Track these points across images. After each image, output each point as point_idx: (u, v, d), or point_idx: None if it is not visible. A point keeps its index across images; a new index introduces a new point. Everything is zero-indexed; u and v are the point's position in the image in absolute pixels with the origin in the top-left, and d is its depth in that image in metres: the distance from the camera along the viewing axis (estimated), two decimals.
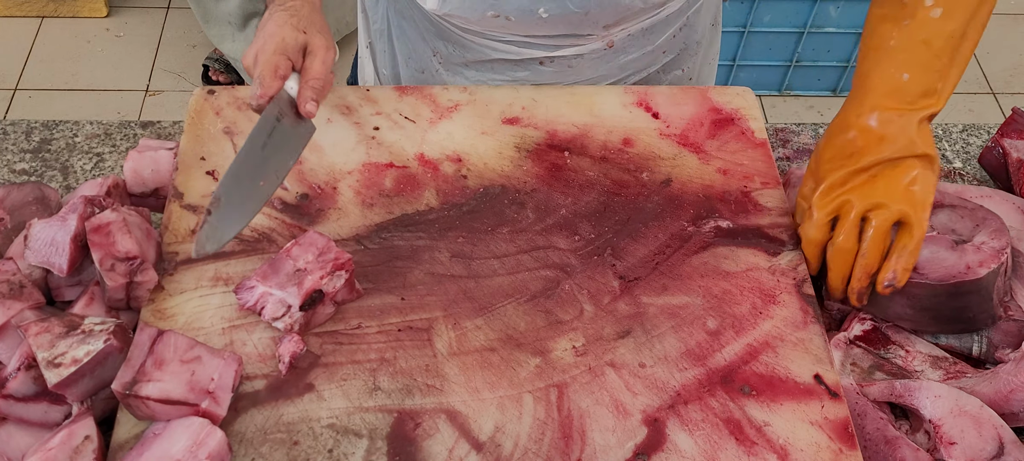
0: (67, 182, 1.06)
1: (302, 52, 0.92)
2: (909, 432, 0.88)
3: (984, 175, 1.12)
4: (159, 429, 0.77)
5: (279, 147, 0.89)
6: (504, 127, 1.05)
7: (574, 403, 0.83)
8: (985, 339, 0.93)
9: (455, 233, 0.95)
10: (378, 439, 0.80)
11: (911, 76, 0.90)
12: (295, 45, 0.91)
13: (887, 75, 0.91)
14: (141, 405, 0.76)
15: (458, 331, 0.87)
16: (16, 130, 1.12)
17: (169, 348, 0.79)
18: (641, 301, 0.91)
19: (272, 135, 0.88)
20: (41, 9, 2.70)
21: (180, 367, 0.78)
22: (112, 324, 0.80)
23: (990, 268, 0.89)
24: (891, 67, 0.91)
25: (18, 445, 0.80)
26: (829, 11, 2.29)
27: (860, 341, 0.94)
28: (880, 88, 0.91)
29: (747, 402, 0.84)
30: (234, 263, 0.91)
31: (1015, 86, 2.63)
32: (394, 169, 1.00)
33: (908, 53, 0.91)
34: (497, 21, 1.05)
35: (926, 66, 0.90)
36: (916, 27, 0.90)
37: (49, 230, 0.87)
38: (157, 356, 0.78)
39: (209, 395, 0.77)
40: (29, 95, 2.50)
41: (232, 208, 0.84)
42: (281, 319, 0.84)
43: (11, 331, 0.82)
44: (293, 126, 0.90)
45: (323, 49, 0.92)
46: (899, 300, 0.91)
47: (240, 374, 0.81)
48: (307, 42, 0.92)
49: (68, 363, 0.76)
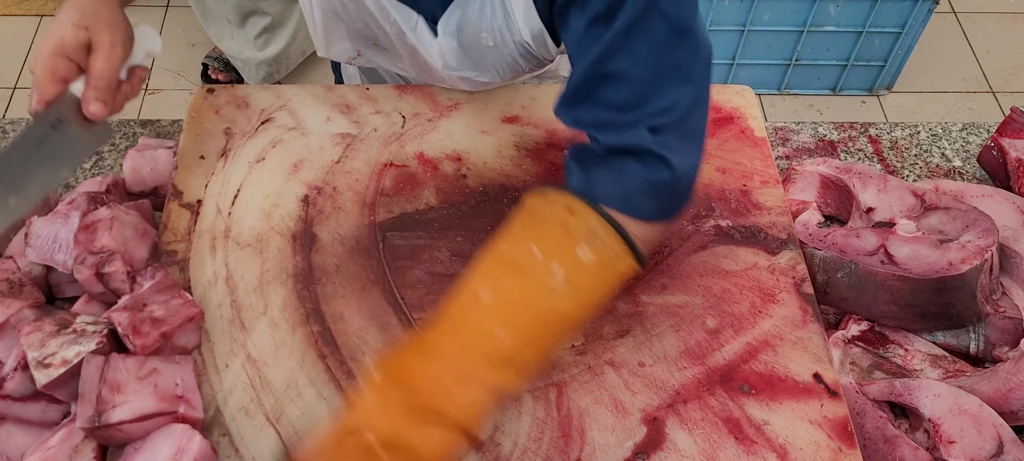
0: (67, 181, 1.06)
1: (86, 50, 0.82)
2: (908, 431, 0.88)
3: (983, 174, 1.12)
4: (138, 443, 0.76)
5: (50, 158, 0.79)
6: (504, 126, 1.05)
7: (573, 402, 0.83)
8: (983, 337, 0.93)
9: (455, 232, 0.95)
10: None
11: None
12: (75, 43, 0.81)
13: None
14: (114, 433, 0.74)
15: None
16: (16, 129, 1.12)
17: (120, 371, 0.76)
18: (640, 300, 0.91)
19: (41, 146, 0.79)
20: (40, 8, 2.69)
21: (140, 384, 0.76)
22: (105, 325, 0.80)
23: (972, 265, 0.89)
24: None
25: (17, 444, 0.80)
26: (828, 10, 2.29)
27: (859, 340, 0.94)
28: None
29: (746, 401, 0.84)
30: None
31: (1014, 85, 2.63)
32: (393, 168, 1.00)
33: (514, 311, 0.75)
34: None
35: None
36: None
37: (51, 227, 0.87)
38: (111, 382, 0.75)
39: (181, 400, 0.77)
40: (29, 94, 2.50)
41: None
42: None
43: (10, 330, 0.81)
44: (79, 132, 0.81)
45: (107, 45, 0.82)
46: (883, 297, 0.91)
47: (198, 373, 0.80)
48: (90, 39, 0.82)
49: (57, 364, 0.76)
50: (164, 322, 0.80)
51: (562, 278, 0.74)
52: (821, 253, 0.95)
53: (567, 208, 0.76)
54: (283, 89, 1.08)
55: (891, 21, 2.33)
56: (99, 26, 0.82)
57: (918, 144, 1.16)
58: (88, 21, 0.82)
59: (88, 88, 0.82)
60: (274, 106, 1.06)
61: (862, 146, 1.15)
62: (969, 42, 2.74)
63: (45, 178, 0.79)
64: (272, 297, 0.89)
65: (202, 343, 0.85)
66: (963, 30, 2.77)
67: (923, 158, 1.14)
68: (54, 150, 0.80)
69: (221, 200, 0.96)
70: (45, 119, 0.81)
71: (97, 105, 0.82)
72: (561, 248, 0.75)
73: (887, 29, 2.35)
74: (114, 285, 0.85)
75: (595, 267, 0.75)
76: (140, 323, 0.79)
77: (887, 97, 2.57)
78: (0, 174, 0.78)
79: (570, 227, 0.75)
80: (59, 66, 0.81)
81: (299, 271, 0.91)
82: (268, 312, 0.88)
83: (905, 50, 2.41)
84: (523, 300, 0.75)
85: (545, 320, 0.75)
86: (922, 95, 2.60)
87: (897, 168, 1.13)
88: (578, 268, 0.75)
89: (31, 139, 0.80)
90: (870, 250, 0.94)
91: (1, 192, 0.77)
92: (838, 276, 0.94)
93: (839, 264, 0.94)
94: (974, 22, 2.80)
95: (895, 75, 2.51)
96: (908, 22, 2.32)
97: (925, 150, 1.15)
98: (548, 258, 0.75)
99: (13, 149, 0.79)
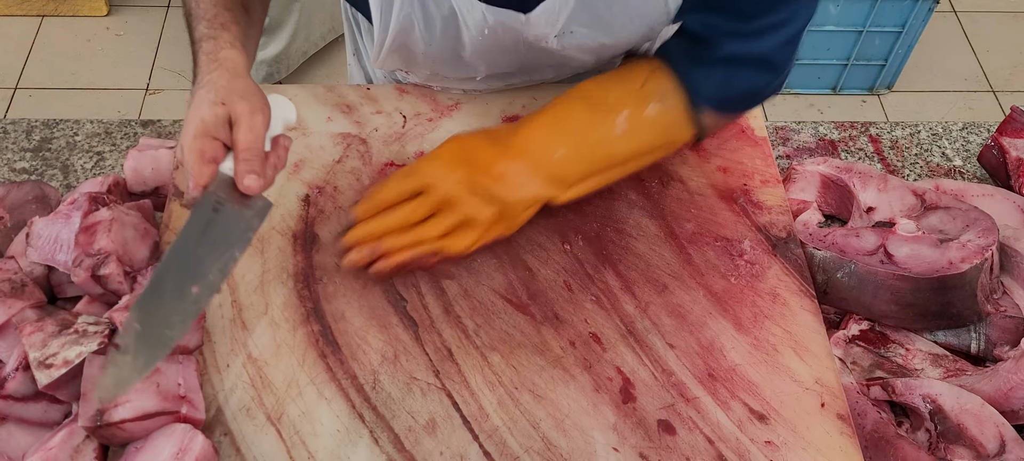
0: (68, 181, 1.06)
1: (228, 126, 0.80)
2: (909, 430, 0.88)
3: (984, 173, 1.12)
4: (140, 443, 0.75)
5: (218, 241, 0.77)
6: (505, 125, 1.05)
7: (574, 401, 0.83)
8: (983, 336, 0.93)
9: None
10: (379, 433, 0.80)
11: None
12: (216, 122, 0.79)
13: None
14: (116, 431, 0.74)
15: (458, 331, 0.87)
16: (16, 129, 1.12)
17: None
18: (641, 300, 0.91)
19: (207, 230, 0.77)
20: (41, 8, 2.69)
21: (142, 383, 0.76)
22: (106, 325, 0.80)
23: (972, 263, 0.89)
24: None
25: (18, 444, 0.80)
26: (829, 9, 2.29)
27: (860, 340, 0.94)
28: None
29: (748, 401, 0.84)
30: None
31: (1015, 84, 2.63)
32: (395, 168, 1.00)
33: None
34: (437, 79, 1.06)
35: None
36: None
37: (53, 227, 0.87)
38: None
39: (184, 400, 0.77)
40: (29, 94, 2.50)
41: (149, 338, 0.72)
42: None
43: (11, 330, 0.81)
44: (240, 210, 0.79)
45: (247, 115, 0.79)
46: (883, 296, 0.91)
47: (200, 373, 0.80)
48: (229, 113, 0.79)
49: (59, 364, 0.76)
50: None
51: (624, 126, 0.89)
52: (821, 253, 0.95)
53: (652, 69, 0.91)
54: (284, 89, 1.08)
55: (891, 20, 2.33)
56: (235, 99, 0.80)
57: (918, 143, 1.16)
58: (223, 96, 0.80)
59: (238, 163, 0.78)
60: None
61: (862, 145, 1.15)
62: (969, 41, 2.74)
63: (220, 262, 0.77)
64: (273, 297, 0.89)
65: (203, 343, 0.85)
66: (963, 29, 2.77)
67: (923, 157, 1.14)
68: (221, 233, 0.77)
69: None
70: (205, 204, 0.78)
71: (251, 177, 0.78)
72: (634, 99, 0.90)
73: (887, 28, 2.35)
74: (112, 286, 0.85)
75: (655, 127, 0.92)
76: None
77: (887, 96, 2.57)
78: (178, 266, 0.75)
79: (648, 85, 0.90)
80: (207, 147, 0.78)
81: (300, 271, 0.91)
82: (269, 312, 0.88)
83: (905, 49, 2.41)
84: (586, 133, 0.90)
85: (600, 154, 0.91)
86: (922, 94, 2.60)
87: (898, 167, 1.13)
88: (640, 121, 0.90)
89: (197, 227, 0.77)
90: (870, 250, 0.94)
91: (184, 284, 0.75)
92: (838, 276, 0.94)
93: (839, 264, 0.94)
94: (974, 21, 2.80)
95: (895, 74, 2.51)
96: (908, 21, 2.32)
97: (925, 149, 1.15)
98: (619, 106, 0.90)
99: (182, 240, 0.76)
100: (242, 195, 0.79)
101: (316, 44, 2.47)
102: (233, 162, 0.78)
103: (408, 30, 0.90)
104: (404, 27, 0.89)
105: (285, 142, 0.83)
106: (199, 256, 0.76)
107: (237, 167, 0.78)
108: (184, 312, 0.74)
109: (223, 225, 0.78)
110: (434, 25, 0.89)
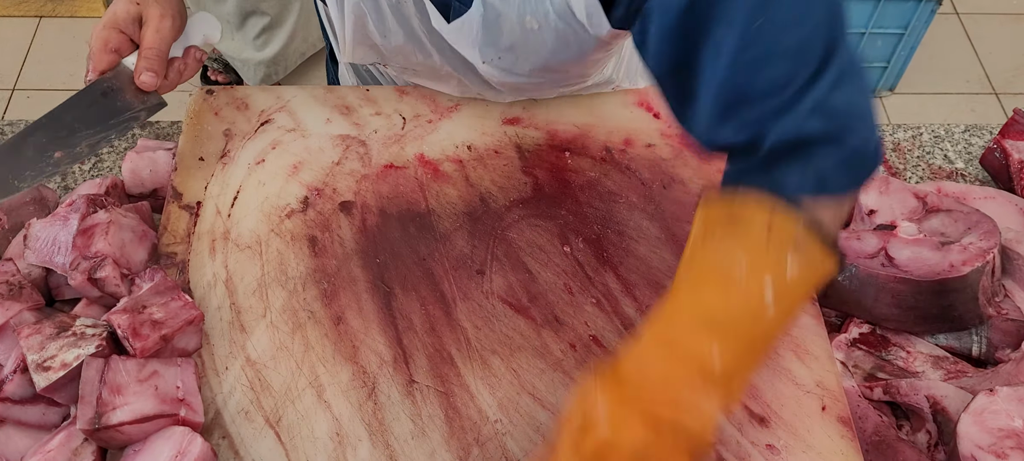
0: (65, 182, 1.06)
1: (138, 23, 0.88)
2: (910, 433, 0.88)
3: (986, 176, 1.12)
4: (138, 446, 0.75)
5: (97, 121, 0.83)
6: (504, 127, 1.05)
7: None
8: (985, 339, 0.93)
9: (455, 234, 0.95)
10: (379, 436, 0.80)
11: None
12: (127, 17, 0.87)
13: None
14: (115, 434, 0.74)
15: (458, 333, 0.87)
16: (14, 130, 1.11)
17: (120, 373, 0.76)
18: (643, 302, 0.90)
19: (90, 108, 0.83)
20: (39, 9, 2.69)
21: (140, 386, 0.76)
22: (104, 328, 0.79)
23: (974, 266, 0.89)
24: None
25: (17, 447, 0.79)
26: None
27: (861, 342, 0.93)
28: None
29: (748, 403, 0.83)
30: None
31: (1017, 86, 2.63)
32: (394, 170, 1.00)
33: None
34: (411, 73, 1.05)
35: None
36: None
37: (50, 230, 0.87)
38: (111, 384, 0.75)
39: (183, 403, 0.77)
40: (27, 95, 2.50)
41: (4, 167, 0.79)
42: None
43: (9, 333, 0.81)
44: (130, 101, 0.86)
45: (157, 18, 0.87)
46: (884, 299, 0.91)
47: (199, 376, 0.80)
48: (141, 13, 0.87)
49: (57, 367, 0.76)
50: (164, 324, 0.80)
51: (771, 295, 0.66)
52: None
53: (769, 214, 0.67)
54: (283, 90, 1.08)
55: (894, 22, 2.32)
56: (150, 2, 0.87)
57: (920, 146, 1.16)
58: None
59: (140, 59, 0.86)
60: (274, 107, 1.06)
61: None
62: (972, 43, 2.74)
63: (93, 140, 0.83)
64: (272, 299, 0.89)
65: (201, 346, 0.85)
66: (966, 31, 2.77)
67: (925, 160, 1.14)
68: (103, 114, 0.84)
69: (220, 202, 0.96)
70: (96, 87, 0.84)
71: (148, 75, 0.86)
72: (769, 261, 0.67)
73: (890, 30, 2.35)
74: (109, 289, 0.85)
75: (800, 280, 0.67)
76: (140, 325, 0.79)
77: (890, 98, 2.57)
78: (48, 130, 0.81)
79: (773, 235, 0.66)
80: (111, 38, 0.86)
81: (299, 273, 0.91)
82: (268, 314, 0.88)
83: (908, 51, 2.40)
84: (733, 317, 0.67)
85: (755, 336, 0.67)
86: (925, 96, 2.59)
87: (900, 169, 1.13)
88: (784, 283, 0.67)
89: (81, 102, 0.83)
90: (871, 252, 0.93)
91: (49, 147, 0.81)
92: (839, 278, 0.94)
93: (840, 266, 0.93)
94: (977, 23, 2.79)
95: (898, 76, 2.50)
96: (911, 23, 2.31)
97: (928, 152, 1.15)
98: (757, 271, 0.66)
99: (62, 109, 0.82)
100: (138, 90, 0.87)
101: (314, 45, 2.46)
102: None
103: (363, 22, 0.93)
104: (358, 17, 0.92)
105: (198, 54, 0.91)
106: (73, 128, 0.82)
107: (137, 63, 0.86)
108: (39, 171, 0.80)
109: (108, 109, 0.84)
110: (385, 16, 0.92)
